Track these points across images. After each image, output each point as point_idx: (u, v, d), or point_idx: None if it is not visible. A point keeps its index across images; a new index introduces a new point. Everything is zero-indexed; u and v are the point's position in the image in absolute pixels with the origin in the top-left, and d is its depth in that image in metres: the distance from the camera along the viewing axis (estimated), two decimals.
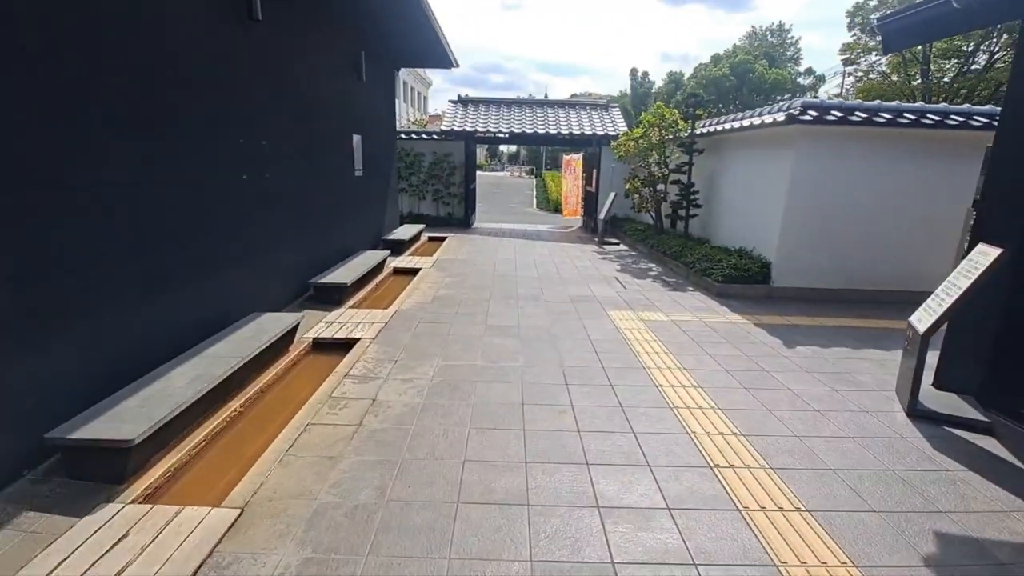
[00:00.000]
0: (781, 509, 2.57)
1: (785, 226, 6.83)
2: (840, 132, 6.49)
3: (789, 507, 2.59)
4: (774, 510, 2.56)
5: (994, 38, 22.43)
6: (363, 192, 8.47)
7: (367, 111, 8.66)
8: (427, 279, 7.35)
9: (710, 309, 6.33)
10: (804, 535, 2.39)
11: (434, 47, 9.49)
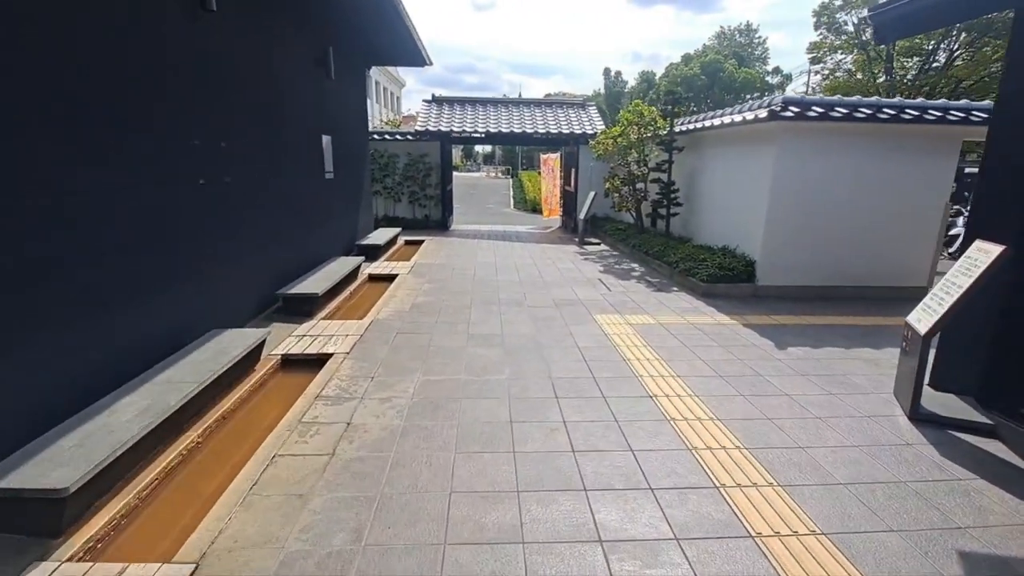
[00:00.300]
0: (796, 533, 2.37)
1: (769, 224, 6.74)
2: (821, 128, 6.42)
3: (804, 531, 2.39)
4: (789, 535, 2.36)
5: (953, 36, 23.14)
6: (335, 195, 8.09)
7: (337, 110, 8.28)
8: (404, 286, 7.03)
9: (697, 310, 6.19)
10: (825, 563, 2.19)
11: (406, 44, 9.17)
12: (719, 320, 5.77)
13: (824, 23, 26.62)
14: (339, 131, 8.25)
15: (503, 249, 10.48)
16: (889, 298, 6.99)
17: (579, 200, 13.32)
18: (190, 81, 4.16)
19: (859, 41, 26.03)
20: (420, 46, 9.54)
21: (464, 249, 10.30)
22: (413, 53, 9.95)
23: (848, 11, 25.61)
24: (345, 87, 8.82)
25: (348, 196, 8.93)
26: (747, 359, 4.56)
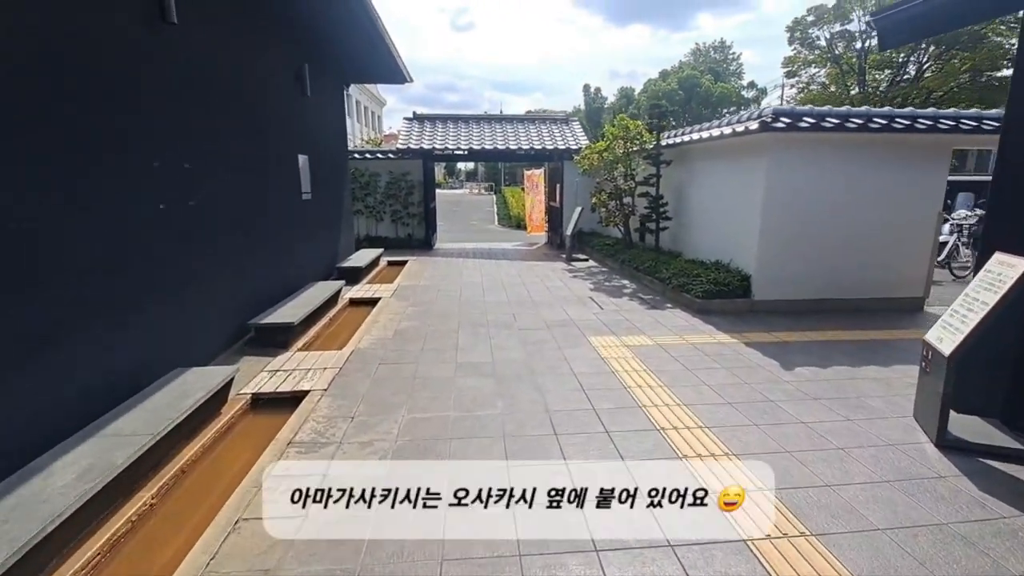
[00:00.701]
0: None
1: (763, 238, 6.56)
2: (812, 139, 6.30)
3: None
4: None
5: (922, 49, 23.81)
6: (312, 217, 7.74)
7: (314, 129, 7.98)
8: (387, 310, 6.67)
9: (694, 328, 5.94)
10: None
11: (385, 60, 8.93)
12: (719, 339, 5.52)
13: (798, 38, 27.27)
14: (317, 150, 7.93)
15: (489, 267, 10.19)
16: (886, 310, 6.84)
17: (565, 216, 13.13)
18: (148, 99, 3.83)
19: (831, 55, 26.68)
20: (400, 63, 9.31)
21: (449, 268, 9.99)
22: (393, 70, 9.72)
23: (820, 27, 26.27)
24: (323, 105, 8.53)
25: (327, 217, 8.59)
26: (755, 383, 4.30)
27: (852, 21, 25.11)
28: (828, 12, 25.19)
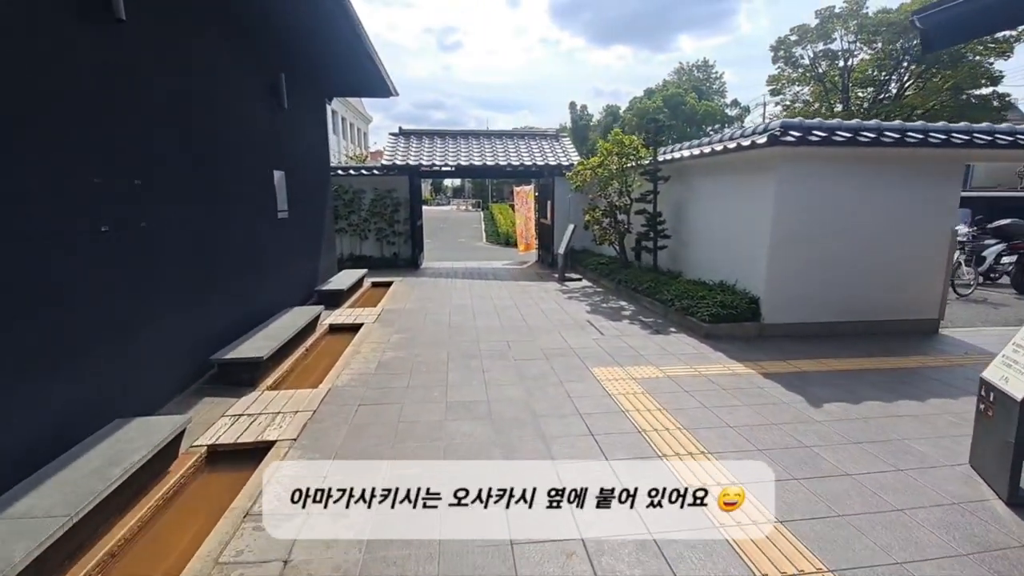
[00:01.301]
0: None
1: (773, 257, 6.17)
2: (823, 154, 5.96)
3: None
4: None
5: (904, 67, 24.19)
6: (289, 237, 7.20)
7: (292, 143, 7.48)
8: (370, 338, 6.12)
9: (704, 357, 5.48)
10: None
11: (369, 72, 8.49)
12: (733, 369, 5.07)
13: (781, 57, 27.60)
14: (295, 166, 7.43)
15: (479, 288, 9.69)
16: (901, 333, 6.48)
17: (556, 234, 12.73)
18: (88, 106, 3.30)
19: (815, 73, 27.01)
20: (384, 75, 8.88)
21: (437, 290, 9.46)
22: (377, 83, 9.27)
23: (803, 46, 26.61)
24: (302, 118, 8.05)
25: (306, 237, 8.04)
26: (783, 423, 3.83)
27: (835, 40, 25.49)
28: (811, 31, 25.55)
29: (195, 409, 4.06)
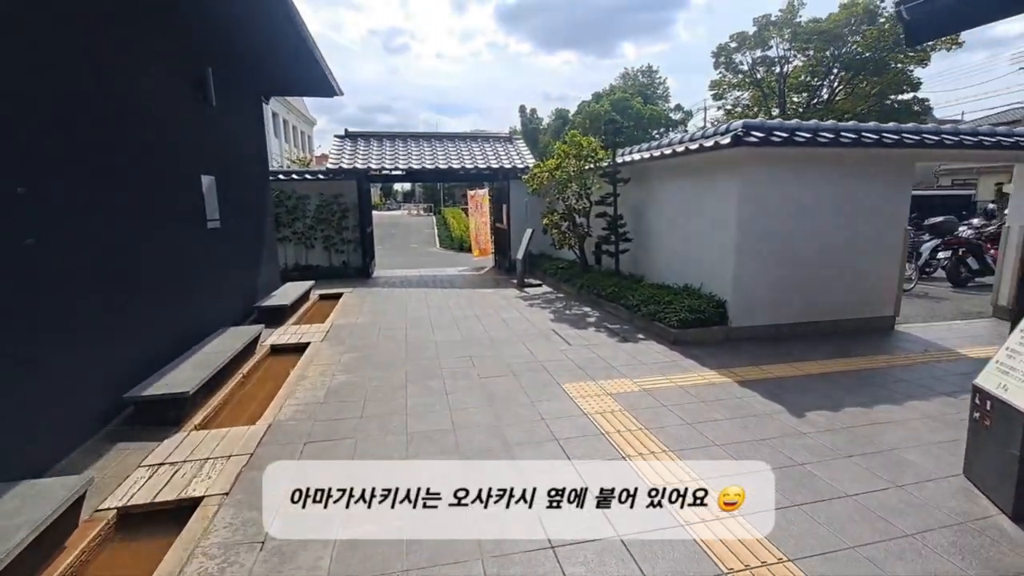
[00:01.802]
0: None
1: (739, 261, 6.06)
2: (784, 155, 5.92)
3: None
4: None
5: (834, 74, 25.55)
6: (222, 249, 6.48)
7: (223, 145, 6.77)
8: (318, 359, 5.53)
9: (677, 365, 5.27)
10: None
11: (311, 69, 7.86)
12: (708, 378, 4.86)
13: (722, 63, 28.58)
14: (228, 170, 6.72)
15: (436, 298, 9.20)
16: (860, 330, 6.55)
17: (513, 238, 12.41)
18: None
19: (753, 79, 28.13)
20: (327, 72, 8.27)
21: (391, 301, 8.90)
22: (320, 81, 8.63)
23: (743, 52, 27.65)
24: (234, 118, 7.34)
25: (243, 248, 7.32)
26: (769, 437, 3.62)
27: (771, 48, 26.62)
28: (749, 39, 26.59)
29: (106, 458, 3.41)
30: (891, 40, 22.56)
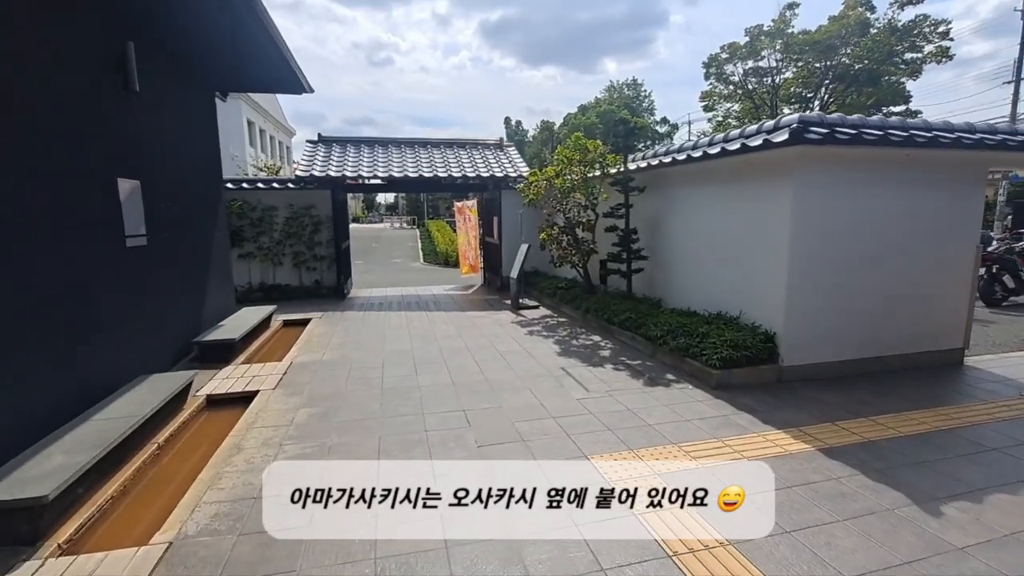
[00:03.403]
0: None
1: (793, 284, 4.95)
2: (843, 157, 4.88)
3: None
4: None
5: (826, 84, 25.14)
6: (150, 272, 5.17)
7: (154, 144, 5.49)
8: (264, 418, 4.24)
9: (730, 422, 4.11)
10: None
11: (272, 59, 6.60)
12: (779, 443, 3.70)
13: (713, 74, 28.07)
14: (161, 174, 5.43)
15: (420, 324, 7.93)
16: (929, 365, 5.50)
17: (505, 254, 11.25)
18: None
19: (745, 90, 27.64)
20: (293, 65, 7.03)
21: (366, 329, 7.60)
22: (285, 75, 7.36)
23: (734, 63, 27.17)
24: (174, 113, 6.06)
25: (181, 270, 5.99)
26: (915, 559, 2.44)
27: (763, 58, 26.19)
28: (741, 49, 26.12)
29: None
30: (885, 51, 22.22)
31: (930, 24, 22.65)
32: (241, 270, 10.61)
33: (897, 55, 23.19)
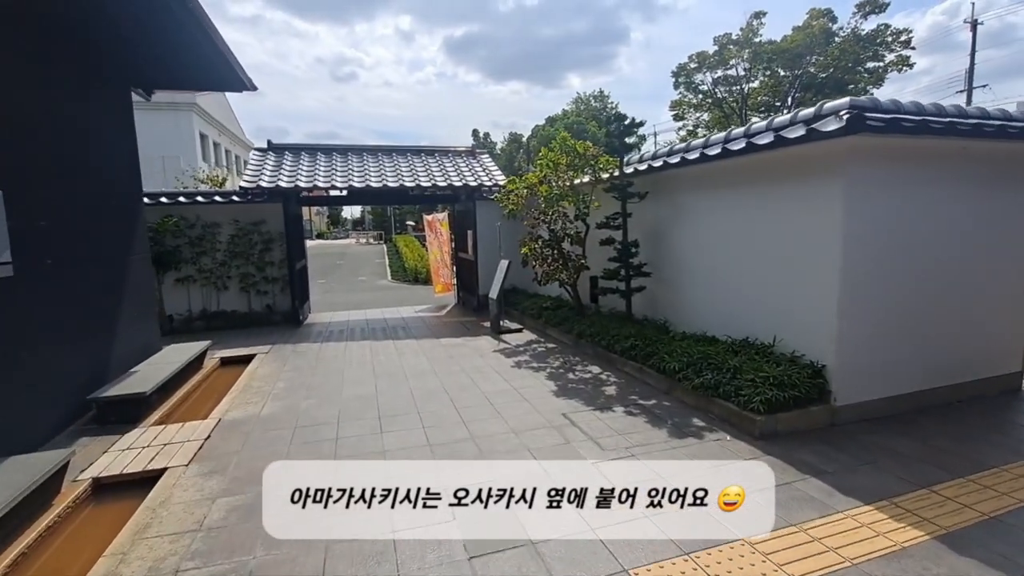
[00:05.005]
0: None
1: (846, 304, 4.05)
2: (902, 150, 4.03)
3: None
4: None
5: (791, 93, 25.25)
6: (16, 310, 3.87)
7: (32, 146, 4.22)
8: (164, 518, 3.01)
9: (802, 496, 3.13)
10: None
11: (205, 52, 5.40)
12: (882, 531, 2.72)
13: (682, 83, 27.92)
14: (35, 182, 4.16)
15: (387, 358, 6.75)
16: (985, 395, 4.69)
17: (481, 271, 10.18)
18: None
19: (715, 99, 27.58)
20: (229, 56, 5.84)
21: (322, 368, 6.36)
22: (220, 69, 6.12)
23: (703, 71, 27.09)
24: (66, 109, 4.80)
25: (72, 306, 4.66)
26: None
27: (732, 67, 26.18)
28: (709, 58, 26.05)
29: None
30: (851, 59, 22.39)
31: (892, 33, 23.05)
32: (179, 296, 9.22)
33: (862, 63, 23.47)
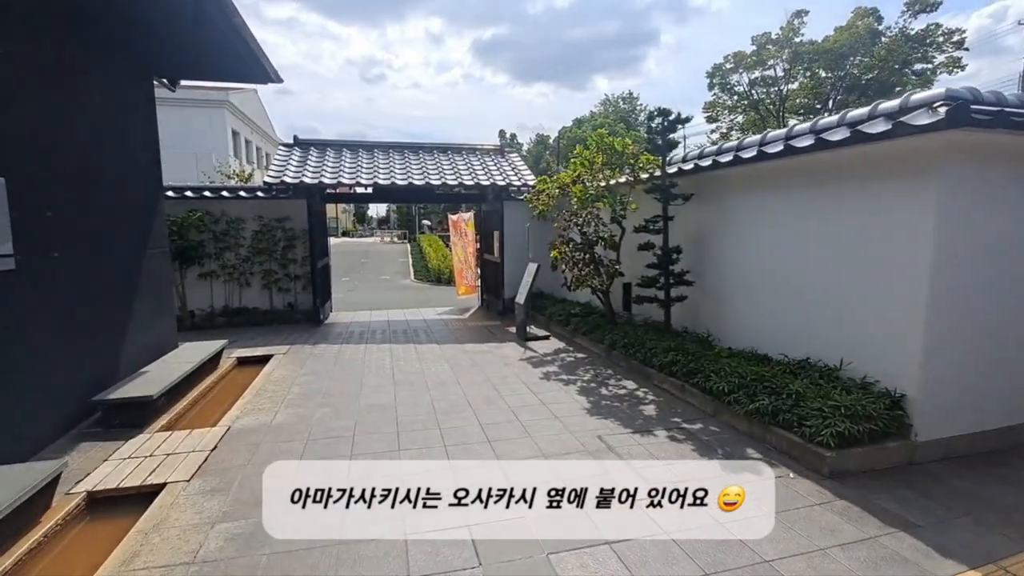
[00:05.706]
0: None
1: (935, 325, 3.51)
2: (1002, 149, 3.48)
3: None
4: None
5: (832, 96, 24.19)
6: (17, 305, 3.63)
7: (42, 133, 4.00)
8: (156, 545, 2.69)
9: (891, 555, 2.66)
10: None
11: (226, 37, 5.13)
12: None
13: (717, 84, 27.08)
14: (43, 170, 3.93)
15: (407, 364, 6.41)
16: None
17: (507, 273, 9.79)
18: None
19: (751, 100, 26.66)
20: (256, 48, 5.58)
21: (339, 372, 6.05)
22: (245, 59, 5.84)
23: (739, 72, 26.21)
24: (79, 95, 4.58)
25: (81, 302, 4.43)
26: None
27: (770, 68, 25.24)
28: (747, 58, 25.17)
29: None
30: (900, 60, 21.30)
31: (943, 33, 21.85)
32: (201, 292, 9.09)
33: (909, 64, 22.32)
